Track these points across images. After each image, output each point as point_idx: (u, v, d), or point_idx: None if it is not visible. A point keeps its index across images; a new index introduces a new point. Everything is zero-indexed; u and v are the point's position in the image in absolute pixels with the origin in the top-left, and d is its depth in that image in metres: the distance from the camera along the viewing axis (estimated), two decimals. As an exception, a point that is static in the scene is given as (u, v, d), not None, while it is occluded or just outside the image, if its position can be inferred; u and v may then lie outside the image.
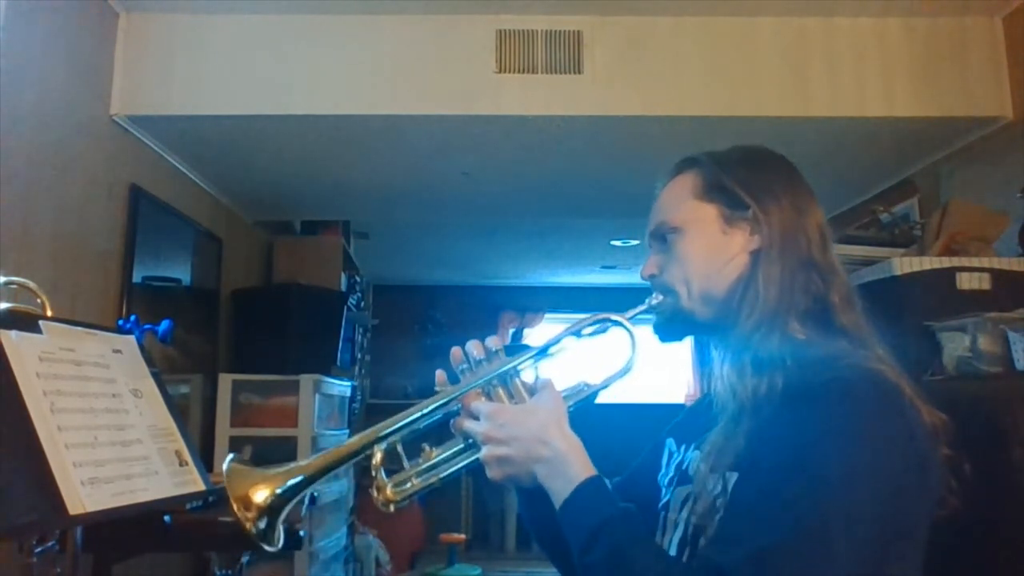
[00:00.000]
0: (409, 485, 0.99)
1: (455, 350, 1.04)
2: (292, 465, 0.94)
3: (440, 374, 1.05)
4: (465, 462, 1.00)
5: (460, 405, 1.01)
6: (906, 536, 0.85)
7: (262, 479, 0.92)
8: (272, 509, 0.90)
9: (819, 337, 0.95)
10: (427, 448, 1.02)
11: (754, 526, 0.82)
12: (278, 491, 0.91)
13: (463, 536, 5.52)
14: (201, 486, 1.30)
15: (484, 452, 0.96)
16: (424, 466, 1.00)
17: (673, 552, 0.96)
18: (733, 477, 0.88)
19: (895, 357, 0.95)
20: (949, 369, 1.80)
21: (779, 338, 0.93)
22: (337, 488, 3.74)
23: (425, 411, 0.99)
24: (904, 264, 2.00)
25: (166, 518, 1.76)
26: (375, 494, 0.98)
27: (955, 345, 1.80)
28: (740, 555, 0.80)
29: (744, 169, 1.03)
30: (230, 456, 0.93)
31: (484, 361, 1.02)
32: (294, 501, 0.92)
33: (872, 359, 0.92)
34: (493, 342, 1.04)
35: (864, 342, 0.96)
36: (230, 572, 2.73)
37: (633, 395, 5.53)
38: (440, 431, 1.04)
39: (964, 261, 2.00)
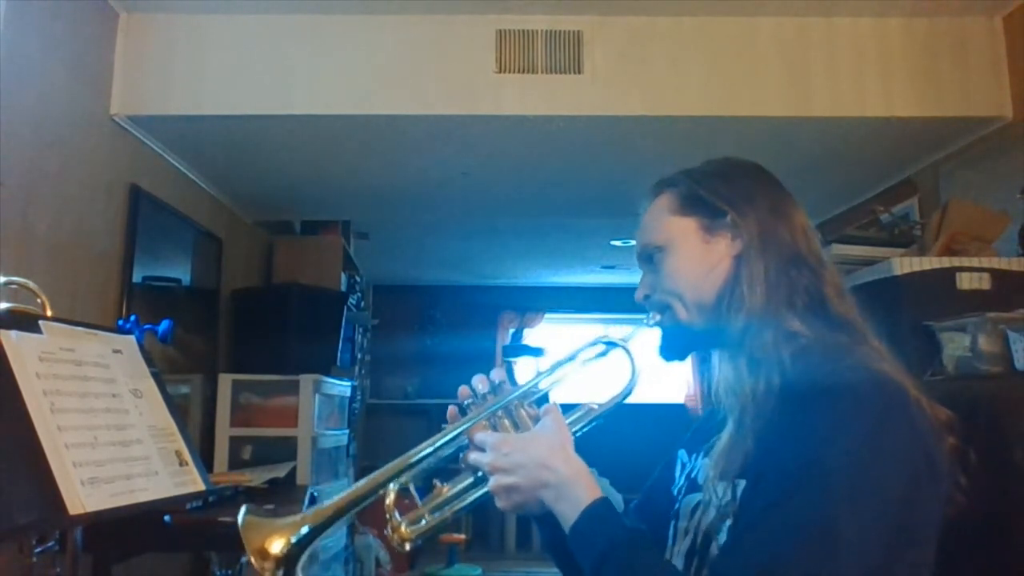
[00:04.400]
0: (423, 522, 1.00)
1: (463, 388, 1.06)
2: (306, 512, 0.95)
3: (452, 409, 1.06)
4: (476, 495, 1.01)
5: (469, 439, 1.02)
6: (915, 541, 0.85)
7: (277, 529, 0.92)
8: (289, 558, 0.91)
9: (818, 330, 0.94)
10: (438, 484, 1.02)
11: (761, 538, 0.81)
12: (293, 540, 0.92)
13: (463, 536, 5.51)
14: (201, 486, 1.30)
15: (491, 483, 0.96)
16: (436, 502, 1.00)
17: (682, 561, 0.96)
18: (742, 484, 0.88)
19: (895, 357, 0.95)
20: (949, 369, 1.80)
21: (773, 335, 0.93)
22: (337, 489, 3.73)
23: (433, 448, 1.00)
24: (904, 264, 2.00)
25: (166, 518, 1.76)
26: (390, 534, 0.99)
27: (955, 345, 1.80)
28: (750, 565, 0.80)
29: (718, 179, 1.05)
30: (243, 508, 0.93)
31: (489, 394, 1.04)
32: (310, 548, 0.93)
33: (874, 358, 0.91)
34: (497, 375, 1.05)
35: (863, 335, 0.96)
36: (230, 572, 2.72)
37: (633, 396, 5.52)
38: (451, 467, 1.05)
39: (964, 261, 2.00)
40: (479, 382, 1.05)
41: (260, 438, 3.26)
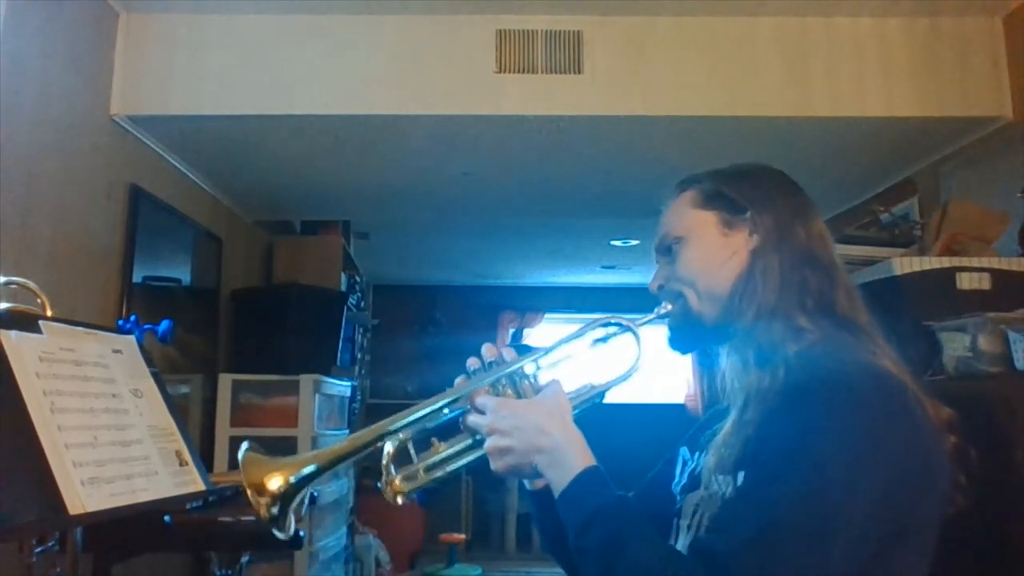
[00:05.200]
0: (417, 478, 1.01)
1: (471, 359, 1.07)
2: (306, 455, 0.97)
3: (461, 378, 1.07)
4: (471, 456, 1.02)
5: (471, 403, 1.03)
6: (909, 534, 0.85)
7: (277, 467, 0.94)
8: (285, 496, 0.92)
9: (825, 329, 0.96)
10: (435, 442, 1.04)
11: (750, 513, 0.82)
12: (292, 479, 0.93)
13: (463, 536, 5.52)
14: (201, 486, 1.30)
15: (488, 443, 0.98)
16: (432, 460, 1.02)
17: None
18: (742, 476, 0.89)
19: (899, 357, 0.95)
20: (949, 369, 1.80)
21: (782, 330, 0.95)
22: (337, 488, 3.74)
23: (435, 407, 1.01)
24: (904, 264, 2.00)
25: (166, 518, 1.76)
26: (384, 487, 0.99)
27: (955, 345, 1.80)
28: (735, 541, 0.81)
29: (742, 179, 1.08)
30: (245, 444, 0.95)
31: (495, 363, 1.05)
32: (306, 489, 0.95)
33: (877, 355, 0.92)
34: (508, 353, 1.07)
35: (870, 336, 0.97)
36: (230, 572, 2.72)
37: (633, 396, 5.53)
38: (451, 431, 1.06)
39: (964, 261, 2.00)
40: (487, 351, 1.06)
41: (260, 438, 3.24)
